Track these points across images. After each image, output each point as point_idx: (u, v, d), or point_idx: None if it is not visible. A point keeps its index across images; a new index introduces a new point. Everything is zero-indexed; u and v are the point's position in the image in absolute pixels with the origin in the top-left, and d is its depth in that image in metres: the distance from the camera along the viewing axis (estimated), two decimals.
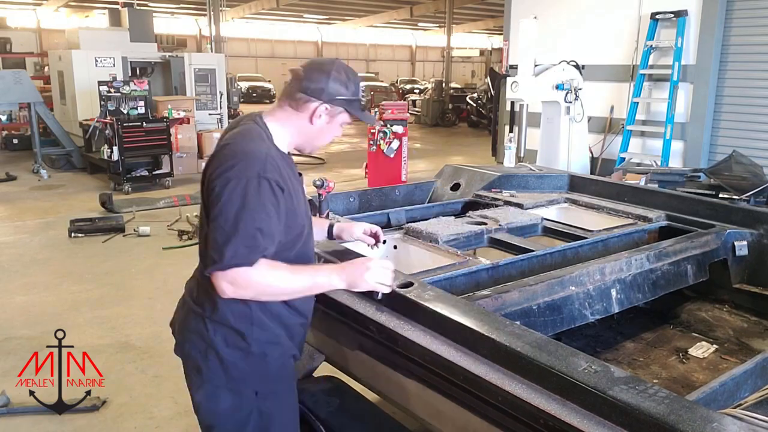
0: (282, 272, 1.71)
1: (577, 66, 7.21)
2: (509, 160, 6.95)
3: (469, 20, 35.24)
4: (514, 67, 8.48)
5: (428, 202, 3.60)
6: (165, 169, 9.64)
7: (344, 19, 34.93)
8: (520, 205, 3.29)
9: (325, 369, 2.35)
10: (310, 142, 1.88)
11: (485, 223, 2.92)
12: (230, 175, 1.64)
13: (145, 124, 9.32)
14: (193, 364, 1.80)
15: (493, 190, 3.55)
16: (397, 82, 33.60)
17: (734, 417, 1.35)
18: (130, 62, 11.40)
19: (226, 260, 1.61)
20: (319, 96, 1.78)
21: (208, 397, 1.79)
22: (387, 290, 1.88)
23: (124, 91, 9.43)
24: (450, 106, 20.99)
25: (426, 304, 1.80)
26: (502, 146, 8.38)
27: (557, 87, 6.88)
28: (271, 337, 1.79)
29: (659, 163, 7.78)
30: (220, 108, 12.04)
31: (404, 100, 19.38)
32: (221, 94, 12.03)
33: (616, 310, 2.33)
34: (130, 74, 11.02)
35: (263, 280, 1.67)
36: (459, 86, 26.21)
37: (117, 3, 13.35)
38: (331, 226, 2.29)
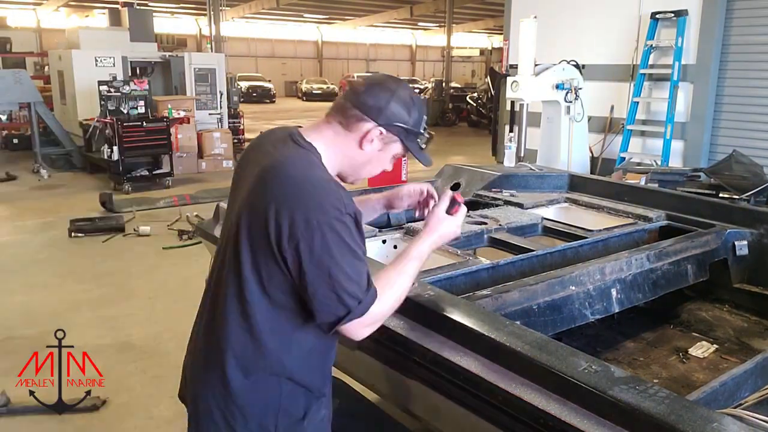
0: (393, 278, 1.54)
1: (577, 65, 7.20)
2: (509, 160, 6.95)
3: (470, 20, 35.26)
4: (514, 67, 8.47)
5: None
6: (165, 169, 9.65)
7: (344, 19, 34.94)
8: (520, 205, 3.29)
9: None
10: (355, 170, 1.61)
11: (485, 223, 2.92)
12: (310, 216, 1.37)
13: (145, 124, 9.32)
14: None
15: (493, 189, 3.55)
16: None
17: (734, 417, 1.35)
18: (130, 62, 11.40)
19: (363, 304, 1.41)
20: (376, 117, 1.52)
21: None
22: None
23: (124, 91, 9.44)
24: (450, 105, 20.99)
25: (426, 304, 1.79)
26: (502, 146, 8.37)
27: (557, 87, 6.87)
28: None
29: (659, 163, 7.77)
30: (220, 108, 12.04)
31: None
32: (221, 94, 12.04)
33: (616, 310, 2.33)
34: (130, 74, 11.03)
35: (388, 303, 1.51)
36: (459, 86, 26.19)
37: (117, 3, 13.36)
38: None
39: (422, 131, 1.61)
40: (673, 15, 7.87)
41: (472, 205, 3.42)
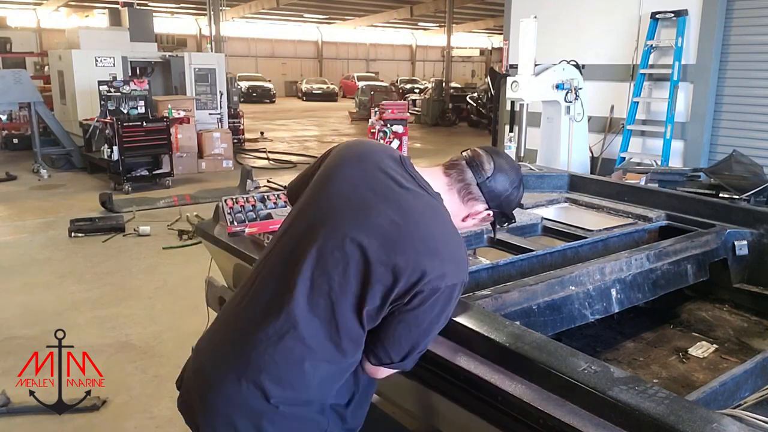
0: None
1: (577, 65, 7.20)
2: None
3: (470, 20, 35.25)
4: (514, 67, 8.47)
5: None
6: (165, 169, 9.65)
7: (344, 19, 34.94)
8: (520, 205, 3.28)
9: None
10: None
11: None
12: (444, 279, 1.44)
13: (145, 124, 9.33)
14: None
15: None
16: (397, 81, 33.61)
17: (734, 417, 1.35)
18: (130, 62, 11.41)
19: (397, 364, 1.51)
20: (492, 202, 1.64)
21: None
22: None
23: (124, 91, 9.44)
24: (450, 105, 20.99)
25: None
26: (502, 146, 8.36)
27: (557, 86, 6.87)
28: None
29: (659, 163, 7.77)
30: (220, 108, 12.05)
31: (404, 100, 19.38)
32: (221, 94, 12.04)
33: (616, 310, 2.33)
34: (130, 74, 11.03)
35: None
36: (459, 86, 26.19)
37: (117, 3, 13.36)
38: None
39: (512, 217, 1.74)
40: (673, 15, 7.86)
41: None
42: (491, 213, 1.66)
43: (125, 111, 9.40)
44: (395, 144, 8.55)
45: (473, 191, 1.63)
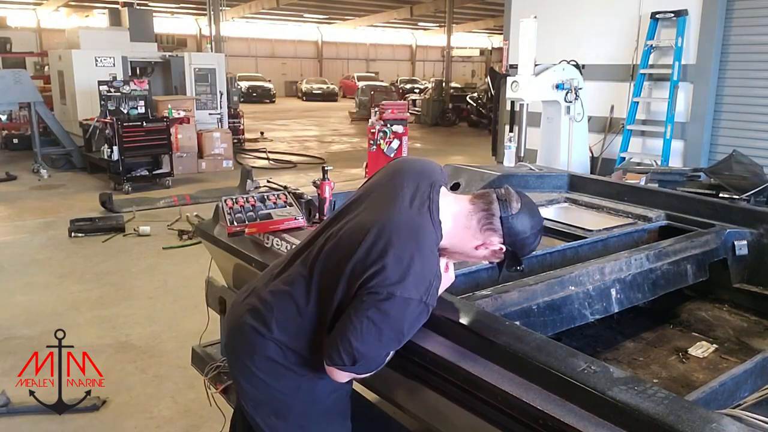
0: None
1: (577, 65, 7.20)
2: (509, 160, 6.94)
3: (470, 20, 35.26)
4: (514, 67, 8.48)
5: None
6: (165, 169, 9.66)
7: (344, 19, 34.95)
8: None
9: None
10: (452, 255, 1.75)
11: None
12: (396, 287, 1.53)
13: (145, 124, 9.33)
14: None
15: None
16: (397, 81, 33.60)
17: (734, 417, 1.35)
18: (130, 62, 11.41)
19: (352, 368, 1.60)
20: (508, 239, 1.66)
21: None
22: None
23: (124, 91, 9.44)
24: (450, 105, 21.00)
25: None
26: (502, 146, 8.37)
27: (557, 86, 6.87)
28: None
29: (659, 163, 7.77)
30: (220, 108, 12.06)
31: (404, 100, 19.37)
32: (221, 94, 12.05)
33: (616, 310, 2.32)
34: (130, 74, 11.03)
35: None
36: (459, 86, 26.20)
37: (117, 3, 13.37)
38: None
39: (523, 263, 1.76)
40: (673, 15, 7.86)
41: None
42: (504, 249, 1.68)
43: (125, 111, 9.40)
44: (395, 144, 8.54)
45: (494, 223, 1.66)
